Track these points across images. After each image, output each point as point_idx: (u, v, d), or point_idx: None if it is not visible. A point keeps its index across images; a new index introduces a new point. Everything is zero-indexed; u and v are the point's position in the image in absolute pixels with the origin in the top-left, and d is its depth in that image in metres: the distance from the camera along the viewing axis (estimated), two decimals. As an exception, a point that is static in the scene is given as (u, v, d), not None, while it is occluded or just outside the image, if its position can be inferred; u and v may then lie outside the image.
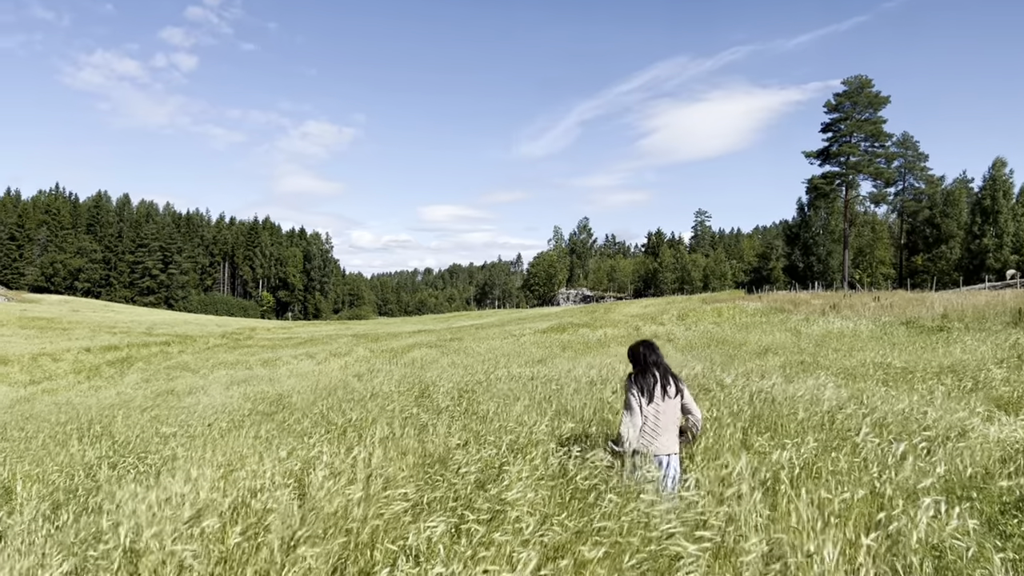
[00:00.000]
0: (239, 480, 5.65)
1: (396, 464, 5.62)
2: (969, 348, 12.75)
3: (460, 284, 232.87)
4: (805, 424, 5.66)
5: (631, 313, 47.19)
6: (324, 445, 7.06)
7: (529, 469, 4.80)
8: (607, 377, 10.52)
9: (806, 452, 4.68)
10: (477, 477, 4.77)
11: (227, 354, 43.20)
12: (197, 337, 62.02)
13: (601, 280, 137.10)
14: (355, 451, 6.53)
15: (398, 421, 8.09)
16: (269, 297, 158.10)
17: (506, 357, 21.12)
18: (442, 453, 6.12)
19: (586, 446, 5.91)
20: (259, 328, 79.09)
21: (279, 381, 20.36)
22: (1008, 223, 73.19)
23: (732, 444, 5.23)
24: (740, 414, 6.08)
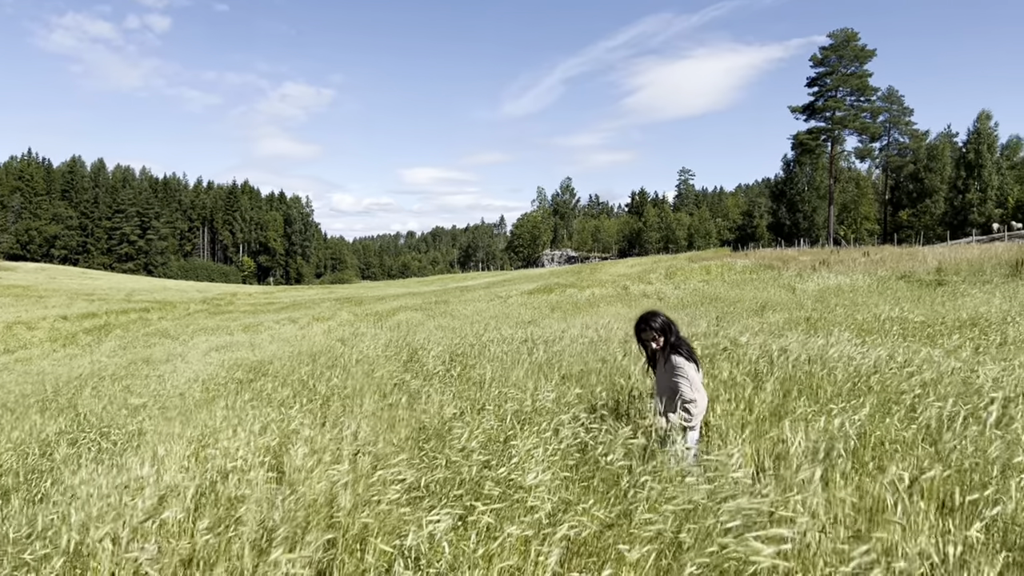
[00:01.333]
0: (210, 459, 5.02)
1: (387, 437, 5.00)
2: (980, 301, 12.27)
3: (443, 247, 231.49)
4: (843, 386, 5.08)
5: (618, 273, 46.77)
6: (306, 417, 6.42)
7: (541, 444, 4.18)
8: (606, 337, 9.91)
9: (860, 418, 4.09)
10: (480, 455, 4.15)
11: (207, 320, 42.45)
12: (177, 303, 61.19)
13: (585, 240, 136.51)
14: (341, 423, 5.91)
15: (387, 389, 7.46)
16: (250, 262, 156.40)
17: (495, 319, 20.52)
18: (437, 426, 5.49)
19: (599, 415, 5.31)
20: (240, 293, 78.14)
21: (260, 347, 19.68)
22: (992, 177, 73.06)
23: (768, 410, 4.63)
24: (767, 375, 5.48)
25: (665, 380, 4.85)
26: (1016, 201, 74.39)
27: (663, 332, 4.90)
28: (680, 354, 4.78)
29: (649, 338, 4.97)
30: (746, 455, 3.83)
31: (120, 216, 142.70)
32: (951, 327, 9.03)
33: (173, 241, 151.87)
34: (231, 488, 4.14)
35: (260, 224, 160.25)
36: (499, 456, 4.18)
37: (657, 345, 4.94)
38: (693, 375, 4.69)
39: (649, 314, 5.05)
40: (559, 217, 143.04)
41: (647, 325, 4.96)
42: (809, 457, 3.23)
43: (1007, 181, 74.63)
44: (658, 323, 4.92)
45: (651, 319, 4.97)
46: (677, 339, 4.89)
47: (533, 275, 64.98)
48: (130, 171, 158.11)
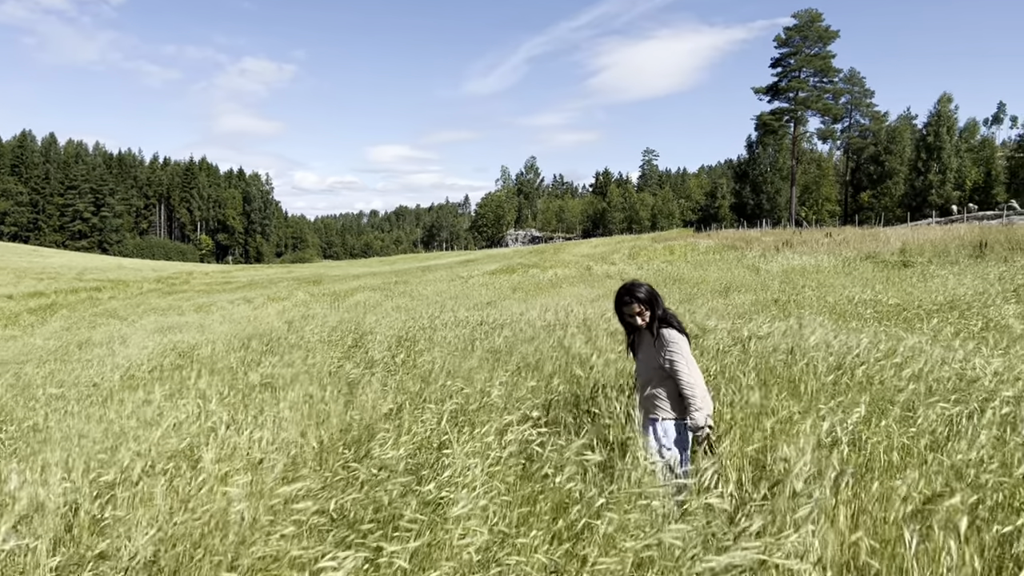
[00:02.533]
0: (103, 465, 4.30)
1: (312, 436, 4.31)
2: (953, 283, 11.91)
3: (407, 226, 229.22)
4: (826, 380, 4.49)
5: (581, 253, 46.33)
6: (227, 410, 5.71)
7: (481, 452, 3.54)
8: (565, 321, 9.29)
9: (853, 422, 3.48)
10: (409, 463, 3.49)
11: (160, 300, 41.14)
12: (131, 282, 59.47)
13: (550, 221, 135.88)
14: (261, 421, 5.22)
15: (321, 378, 6.74)
16: (208, 240, 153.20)
17: (453, 300, 19.88)
18: (369, 422, 4.82)
19: (554, 414, 4.69)
20: (196, 272, 76.13)
21: (209, 328, 18.79)
22: (951, 159, 73.97)
23: (753, 411, 4.02)
24: (742, 366, 4.87)
25: (651, 361, 4.17)
26: (973, 183, 75.45)
27: (649, 304, 4.22)
28: (672, 326, 4.15)
29: (632, 312, 4.26)
30: (726, 468, 3.23)
31: (73, 192, 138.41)
32: (929, 310, 8.57)
33: (128, 219, 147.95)
34: (108, 510, 3.43)
35: (218, 202, 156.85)
36: (431, 467, 3.52)
37: (643, 320, 4.25)
38: (688, 353, 4.04)
39: (631, 284, 4.35)
40: (523, 197, 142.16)
41: (630, 296, 4.25)
42: (803, 477, 2.64)
43: (965, 164, 75.60)
44: (643, 293, 4.23)
45: (634, 289, 4.27)
46: (665, 312, 4.24)
47: (496, 255, 64.30)
48: (83, 146, 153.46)
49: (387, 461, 3.55)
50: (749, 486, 3.00)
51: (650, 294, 4.24)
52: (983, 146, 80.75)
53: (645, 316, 4.23)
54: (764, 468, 3.44)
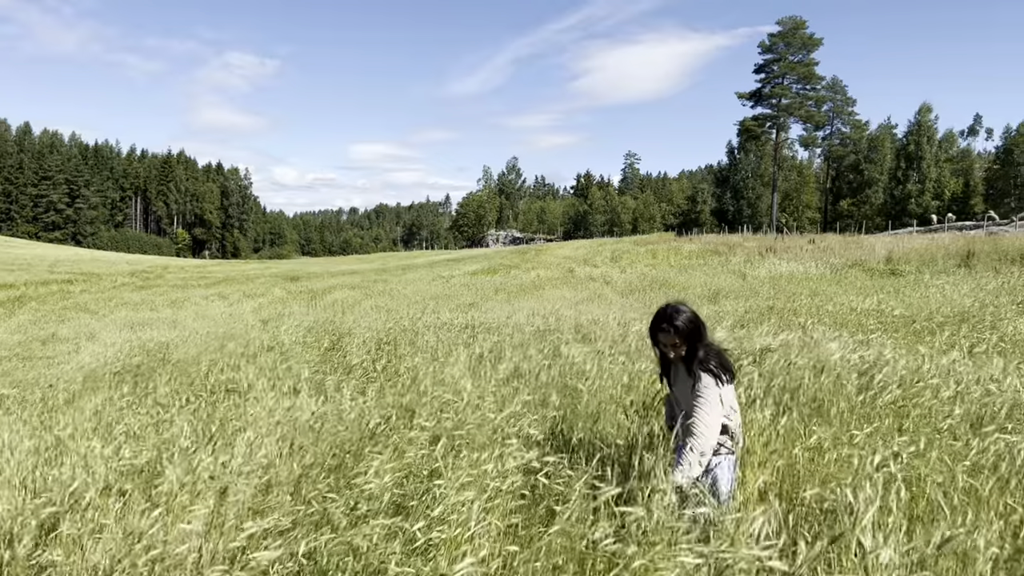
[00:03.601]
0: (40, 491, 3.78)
1: (283, 466, 3.81)
2: (948, 292, 11.61)
3: (387, 224, 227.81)
4: (856, 401, 4.04)
5: (563, 255, 45.95)
6: (189, 421, 5.19)
7: (477, 482, 3.07)
8: (555, 327, 8.83)
9: (907, 452, 3.00)
10: (393, 496, 3.01)
11: (133, 294, 40.19)
12: (104, 275, 58.29)
13: (531, 222, 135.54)
14: (229, 437, 4.73)
15: (296, 386, 6.24)
16: (184, 235, 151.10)
17: (435, 300, 19.38)
18: (353, 439, 4.33)
19: (553, 433, 4.24)
20: (172, 266, 74.86)
21: (182, 325, 18.18)
22: (931, 169, 74.51)
23: (778, 439, 3.54)
24: (761, 387, 4.42)
25: (683, 396, 3.63)
26: (952, 194, 76.08)
27: (688, 337, 3.53)
28: (711, 372, 3.48)
29: (668, 343, 3.58)
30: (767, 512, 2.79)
31: (47, 183, 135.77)
32: (938, 322, 8.22)
33: (104, 211, 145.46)
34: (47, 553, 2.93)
35: (196, 195, 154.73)
36: (420, 498, 3.05)
37: (677, 354, 3.59)
38: (715, 400, 3.44)
39: (671, 310, 3.61)
40: (505, 197, 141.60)
41: (669, 324, 3.55)
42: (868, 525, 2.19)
43: (944, 174, 76.23)
44: (681, 322, 3.52)
45: (674, 316, 3.55)
46: (707, 349, 3.55)
47: (478, 255, 63.75)
48: (58, 136, 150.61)
49: (371, 490, 3.07)
50: (794, 530, 2.56)
51: (691, 326, 3.54)
52: (962, 157, 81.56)
53: (681, 351, 3.57)
54: (798, 503, 3.00)
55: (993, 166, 76.08)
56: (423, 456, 3.43)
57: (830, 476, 3.28)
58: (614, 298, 17.52)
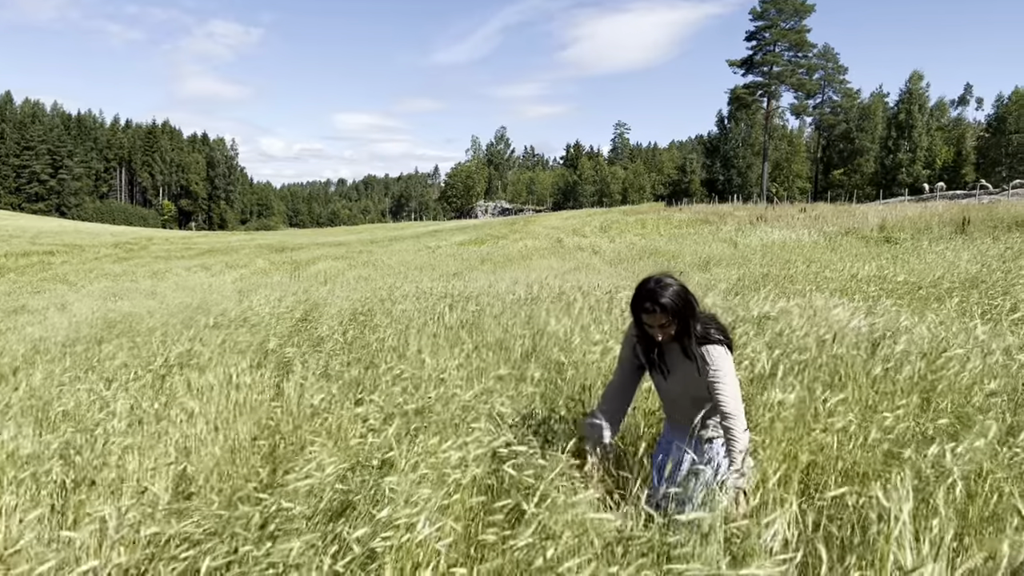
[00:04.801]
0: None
1: (210, 450, 3.31)
2: (949, 258, 11.18)
3: (375, 196, 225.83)
4: (874, 372, 3.55)
5: (552, 225, 45.39)
6: (132, 397, 4.68)
7: (435, 472, 2.59)
8: (539, 295, 8.34)
9: (970, 453, 2.48)
10: (334, 500, 2.53)
11: (114, 265, 39.54)
12: (87, 247, 57.49)
13: (520, 192, 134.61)
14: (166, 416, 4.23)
15: (253, 360, 5.73)
16: (170, 206, 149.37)
17: (418, 270, 18.90)
18: (297, 422, 3.83)
19: (528, 410, 3.75)
20: (156, 238, 73.87)
21: (160, 295, 17.63)
22: (922, 138, 74.07)
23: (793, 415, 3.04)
24: (772, 356, 3.91)
25: (688, 383, 3.02)
26: (943, 163, 75.76)
27: (678, 313, 2.87)
28: (719, 342, 2.91)
29: (655, 323, 2.93)
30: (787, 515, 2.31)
31: (29, 153, 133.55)
32: (946, 288, 7.76)
33: (88, 181, 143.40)
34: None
35: (181, 166, 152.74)
36: (365, 494, 2.56)
37: (666, 335, 2.95)
38: (732, 372, 2.87)
39: (654, 283, 2.94)
40: (493, 168, 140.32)
41: (652, 303, 2.88)
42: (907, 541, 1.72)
43: (936, 143, 75.83)
44: (668, 297, 2.86)
45: (658, 292, 2.88)
46: (705, 323, 2.96)
47: (466, 226, 63.11)
48: (40, 106, 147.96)
49: (310, 485, 2.58)
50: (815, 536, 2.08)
51: (679, 301, 2.87)
52: (955, 125, 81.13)
53: (671, 330, 2.93)
54: (820, 500, 2.52)
55: (984, 134, 75.68)
56: (371, 441, 2.93)
57: (859, 468, 2.81)
58: (602, 268, 17.06)
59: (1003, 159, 71.24)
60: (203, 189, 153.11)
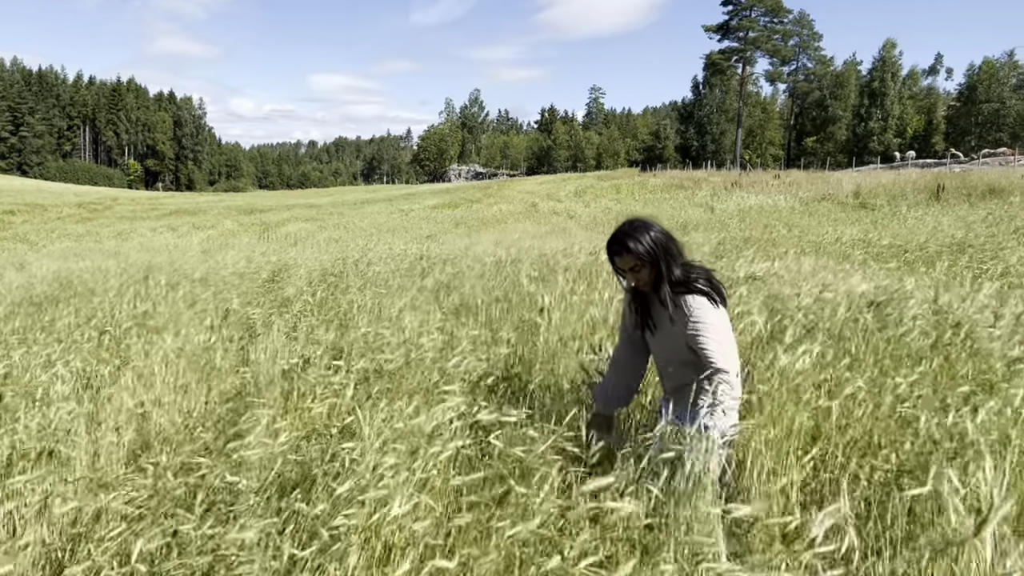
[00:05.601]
0: None
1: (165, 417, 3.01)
2: (930, 223, 11.08)
3: (347, 158, 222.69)
4: (872, 335, 3.32)
5: (526, 190, 45.01)
6: (81, 362, 4.35)
7: (402, 442, 2.31)
8: (518, 257, 8.05)
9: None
10: (296, 456, 2.25)
11: (78, 225, 38.64)
12: (49, 207, 56.13)
13: (494, 156, 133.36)
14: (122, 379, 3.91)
15: (216, 319, 5.39)
16: (136, 166, 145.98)
17: (391, 233, 18.55)
18: (259, 385, 3.53)
19: (507, 376, 3.49)
20: (122, 198, 72.07)
21: (123, 256, 17.11)
22: (894, 106, 74.42)
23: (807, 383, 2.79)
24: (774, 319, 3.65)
25: (671, 339, 2.76)
26: (914, 131, 76.23)
27: (651, 256, 2.63)
28: (700, 291, 2.63)
29: (626, 268, 2.73)
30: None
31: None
32: (933, 251, 7.59)
33: (50, 140, 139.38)
34: None
35: (148, 125, 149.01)
36: (324, 466, 2.28)
37: (642, 283, 2.72)
38: (722, 326, 2.61)
39: (626, 226, 2.72)
40: (467, 131, 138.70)
41: (620, 246, 2.68)
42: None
43: (907, 111, 76.21)
44: (645, 243, 2.62)
45: (628, 237, 2.66)
46: (688, 270, 2.69)
47: (439, 190, 62.37)
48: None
49: (262, 455, 2.29)
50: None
51: (650, 243, 2.62)
52: (926, 95, 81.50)
53: (643, 275, 2.69)
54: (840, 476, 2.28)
55: (955, 104, 76.11)
56: (332, 406, 2.64)
57: (871, 437, 2.58)
58: (578, 232, 16.83)
59: (972, 128, 71.73)
60: (170, 149, 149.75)
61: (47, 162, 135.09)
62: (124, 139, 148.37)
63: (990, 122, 70.13)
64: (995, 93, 69.38)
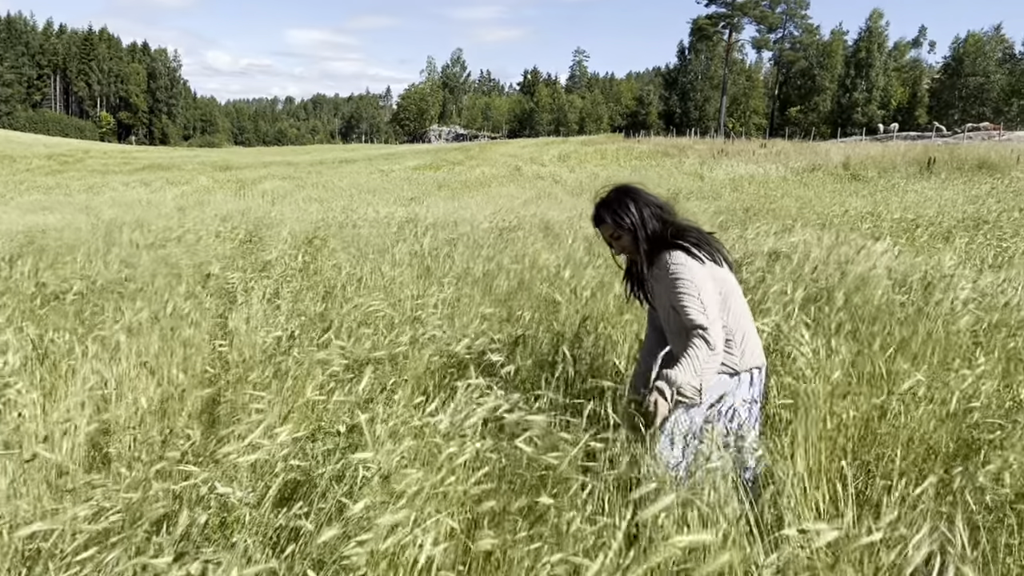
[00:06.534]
0: None
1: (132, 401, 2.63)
2: (931, 196, 10.82)
3: (325, 116, 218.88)
4: (905, 325, 3.00)
5: (509, 153, 44.45)
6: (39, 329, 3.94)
7: (424, 453, 1.97)
8: (513, 224, 7.66)
9: None
10: (288, 475, 1.89)
11: (47, 178, 37.70)
12: (17, 158, 54.86)
13: (475, 118, 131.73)
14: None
15: (193, 282, 4.98)
16: (109, 118, 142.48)
17: (372, 194, 18.03)
18: (239, 370, 3.15)
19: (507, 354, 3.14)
20: (94, 151, 70.35)
21: (94, 210, 16.57)
22: (879, 77, 74.18)
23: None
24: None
25: (663, 311, 2.58)
26: (898, 104, 76.15)
27: (631, 227, 2.54)
28: (679, 247, 2.46)
29: (606, 235, 2.66)
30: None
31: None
32: (947, 227, 7.30)
33: (19, 88, 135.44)
34: None
35: (120, 77, 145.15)
36: (328, 470, 1.93)
37: (628, 251, 2.63)
38: (703, 283, 2.39)
39: (606, 195, 2.67)
40: (448, 91, 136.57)
41: (598, 214, 2.64)
42: None
43: (892, 83, 76.03)
44: (622, 210, 2.56)
45: (607, 203, 2.62)
46: (678, 230, 2.54)
47: (419, 150, 61.46)
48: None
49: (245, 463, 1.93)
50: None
51: (622, 209, 2.56)
52: (912, 67, 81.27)
53: (626, 243, 2.60)
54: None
55: (939, 77, 76.02)
56: (334, 400, 2.27)
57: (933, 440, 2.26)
58: (564, 197, 16.43)
59: (956, 102, 71.73)
60: (144, 102, 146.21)
61: (16, 112, 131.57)
62: (96, 90, 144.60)
63: (974, 96, 70.17)
64: (980, 67, 69.32)
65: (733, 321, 2.49)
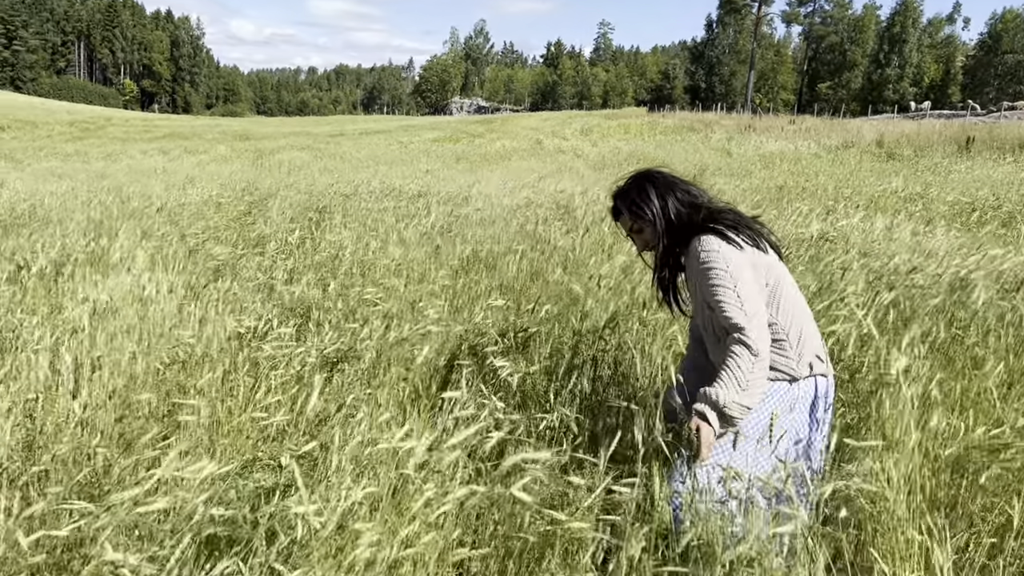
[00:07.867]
0: None
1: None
2: (978, 175, 10.14)
3: (347, 87, 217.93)
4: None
5: (530, 126, 43.74)
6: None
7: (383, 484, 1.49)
8: (537, 200, 7.12)
9: None
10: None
11: (68, 145, 37.68)
12: (40, 124, 55.15)
13: (497, 91, 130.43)
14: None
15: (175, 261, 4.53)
16: (132, 86, 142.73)
17: (388, 165, 17.56)
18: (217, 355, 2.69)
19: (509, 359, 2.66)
20: (116, 119, 70.34)
21: (109, 177, 16.36)
22: (912, 54, 72.32)
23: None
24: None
25: (699, 313, 2.16)
26: (931, 81, 74.26)
27: (647, 214, 2.19)
28: (711, 230, 2.07)
29: (626, 228, 2.32)
30: None
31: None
32: (1007, 211, 6.67)
33: (44, 55, 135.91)
34: None
35: (144, 44, 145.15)
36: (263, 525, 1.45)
37: (650, 245, 2.27)
38: (741, 271, 1.97)
39: (625, 183, 2.32)
40: (471, 63, 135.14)
41: (615, 206, 2.31)
42: None
43: (926, 60, 74.08)
44: (623, 196, 2.29)
45: (624, 192, 2.29)
46: (711, 213, 2.15)
47: (440, 123, 60.79)
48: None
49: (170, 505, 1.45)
50: None
51: (640, 197, 2.21)
52: (946, 43, 79.13)
53: (649, 237, 2.25)
54: None
55: (977, 53, 73.95)
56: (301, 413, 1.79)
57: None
58: (586, 172, 15.88)
59: (992, 80, 69.78)
60: (167, 70, 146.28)
61: (41, 78, 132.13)
62: (120, 58, 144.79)
63: (1011, 74, 68.16)
64: (1019, 44, 67.30)
65: (785, 318, 2.05)
